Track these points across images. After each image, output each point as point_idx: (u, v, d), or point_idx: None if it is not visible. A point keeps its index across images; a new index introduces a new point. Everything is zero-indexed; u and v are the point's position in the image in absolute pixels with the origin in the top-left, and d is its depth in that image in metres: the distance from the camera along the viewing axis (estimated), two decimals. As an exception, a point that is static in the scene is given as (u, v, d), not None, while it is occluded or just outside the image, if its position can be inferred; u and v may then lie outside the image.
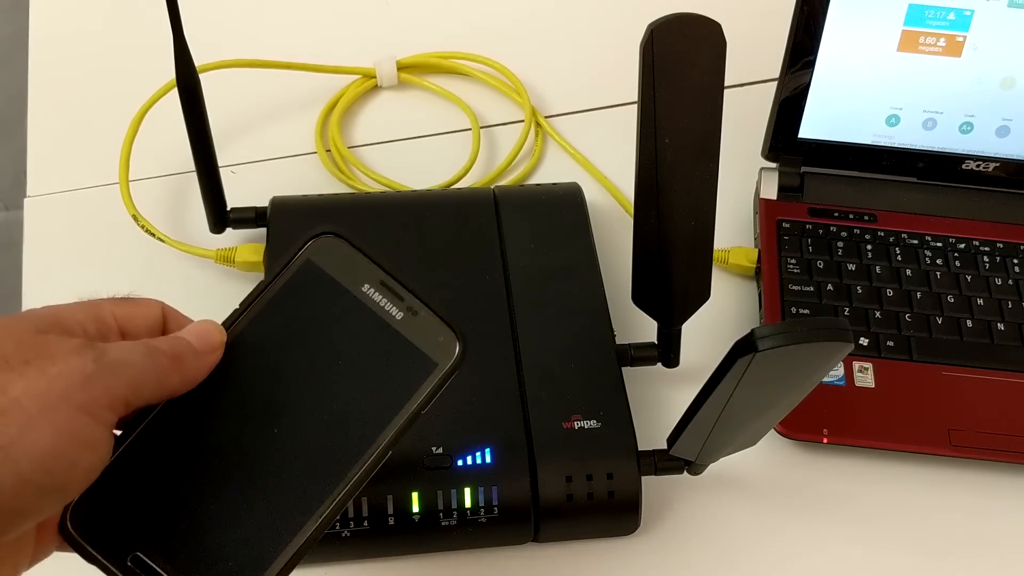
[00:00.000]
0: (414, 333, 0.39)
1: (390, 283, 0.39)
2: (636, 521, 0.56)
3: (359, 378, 0.39)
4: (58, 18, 0.85)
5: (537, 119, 0.79)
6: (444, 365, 0.39)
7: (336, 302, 0.39)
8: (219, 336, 0.38)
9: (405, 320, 0.39)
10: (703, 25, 0.49)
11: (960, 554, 0.58)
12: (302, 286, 0.39)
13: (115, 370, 0.33)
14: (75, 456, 0.32)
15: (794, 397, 0.46)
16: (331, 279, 0.39)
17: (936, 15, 0.65)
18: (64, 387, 0.32)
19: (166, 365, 0.36)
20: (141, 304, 0.38)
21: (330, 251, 0.40)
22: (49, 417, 0.31)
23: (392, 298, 0.39)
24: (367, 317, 0.39)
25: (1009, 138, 0.69)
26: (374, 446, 0.38)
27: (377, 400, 0.38)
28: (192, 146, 0.62)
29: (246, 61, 0.77)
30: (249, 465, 0.37)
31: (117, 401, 0.33)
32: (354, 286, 0.39)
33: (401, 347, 0.39)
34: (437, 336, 0.39)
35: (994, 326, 0.65)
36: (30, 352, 0.32)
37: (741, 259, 0.69)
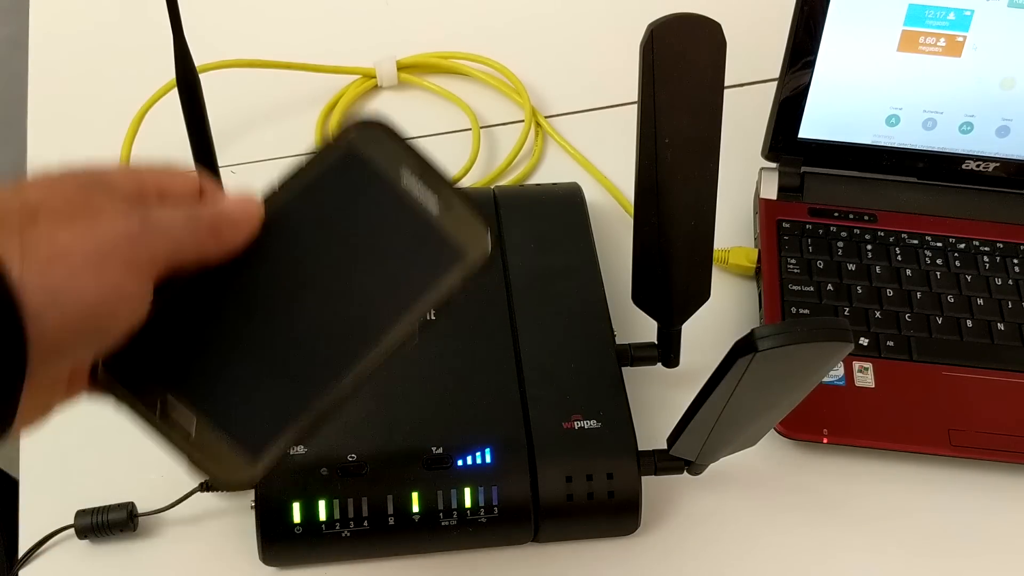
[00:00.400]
0: (447, 225, 0.40)
1: (428, 177, 0.40)
2: (636, 521, 0.56)
3: (389, 261, 0.39)
4: (58, 18, 0.85)
5: (537, 119, 0.79)
6: (474, 256, 0.40)
7: (373, 187, 0.40)
8: (256, 209, 0.39)
9: (440, 212, 0.40)
10: (703, 25, 0.49)
11: (960, 554, 0.58)
12: (342, 170, 0.40)
13: (159, 232, 0.35)
14: (117, 308, 0.34)
15: (794, 397, 0.46)
16: (371, 166, 0.40)
17: (936, 15, 0.65)
18: (111, 243, 0.33)
19: (205, 232, 0.37)
20: (180, 174, 0.39)
21: (373, 140, 0.40)
22: (95, 269, 0.33)
23: (429, 191, 0.40)
24: (403, 205, 0.40)
25: (1009, 138, 0.69)
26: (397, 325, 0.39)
27: (405, 283, 0.39)
28: (192, 146, 0.62)
29: (246, 61, 0.77)
30: (278, 330, 0.38)
31: (158, 261, 0.35)
32: (394, 175, 0.40)
33: (434, 235, 0.40)
34: (468, 230, 0.40)
35: (994, 326, 0.65)
36: (78, 207, 0.33)
37: (741, 259, 0.69)
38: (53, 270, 0.32)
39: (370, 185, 0.40)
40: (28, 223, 0.32)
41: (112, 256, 0.33)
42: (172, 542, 0.57)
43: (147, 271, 0.35)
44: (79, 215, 0.33)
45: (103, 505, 0.56)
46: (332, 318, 0.39)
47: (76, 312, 0.32)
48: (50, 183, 0.35)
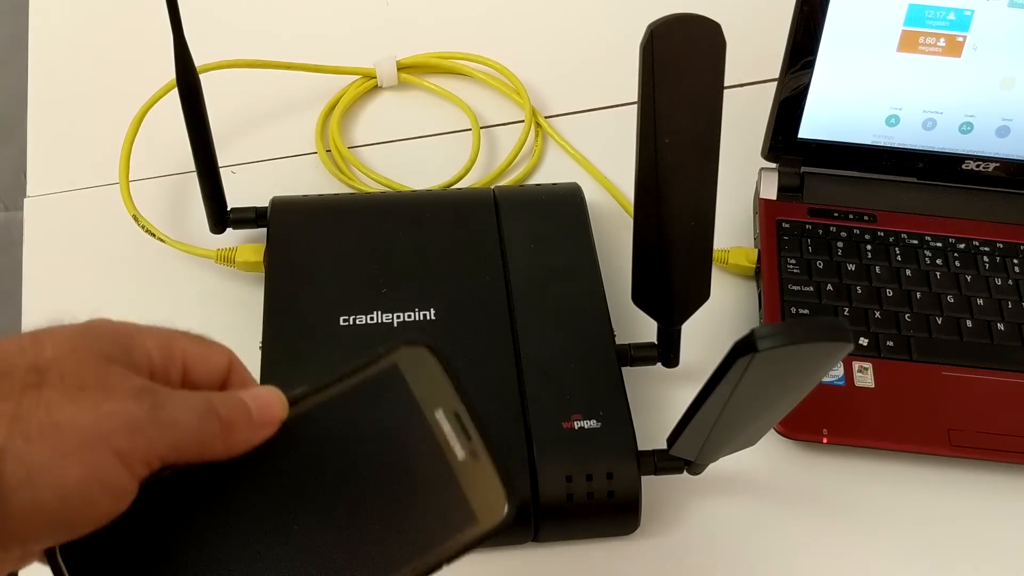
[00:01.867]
0: (468, 479, 0.37)
1: (464, 418, 0.37)
2: (636, 521, 0.56)
3: (399, 503, 0.36)
4: (58, 18, 0.85)
5: (537, 119, 0.79)
6: (486, 525, 0.36)
7: (405, 416, 0.37)
8: (280, 412, 0.36)
9: (465, 461, 0.37)
10: (703, 25, 0.49)
11: (960, 554, 0.58)
12: (378, 387, 0.37)
13: (165, 426, 0.32)
14: (97, 499, 0.31)
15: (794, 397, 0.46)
16: (409, 392, 0.37)
17: (936, 15, 0.65)
18: (110, 428, 0.31)
19: (217, 431, 0.34)
20: (213, 348, 0.37)
21: (419, 363, 0.38)
22: (85, 454, 0.30)
23: (460, 434, 0.37)
24: (429, 444, 0.37)
25: (1009, 138, 0.69)
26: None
27: (407, 533, 0.36)
28: (192, 146, 0.62)
29: (246, 61, 0.77)
30: (256, 555, 0.35)
31: (155, 457, 0.32)
32: (429, 408, 0.37)
33: (450, 489, 0.36)
34: (489, 490, 0.36)
35: (994, 326, 0.65)
36: (89, 379, 0.31)
37: (741, 259, 0.69)
38: (41, 445, 0.29)
39: (402, 412, 0.37)
40: (32, 386, 0.30)
41: (105, 443, 0.30)
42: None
43: (140, 466, 0.32)
44: (87, 388, 0.31)
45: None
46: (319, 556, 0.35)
47: (51, 497, 0.30)
48: (71, 344, 0.32)
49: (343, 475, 0.36)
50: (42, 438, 0.30)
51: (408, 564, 0.36)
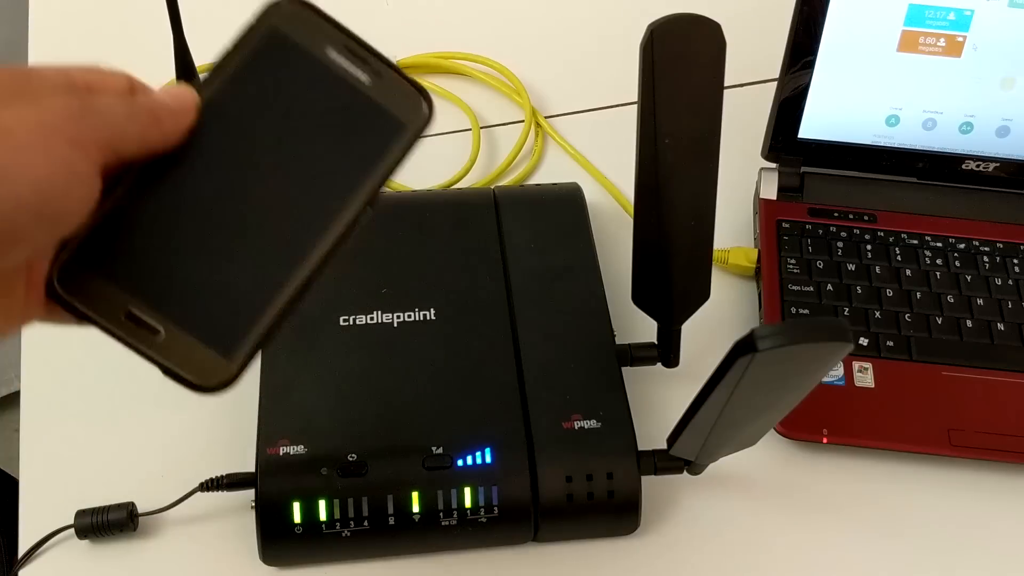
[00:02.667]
0: (381, 95, 0.39)
1: (353, 47, 0.40)
2: (636, 521, 0.56)
3: (331, 139, 0.39)
4: (58, 18, 0.85)
5: (537, 119, 0.79)
6: (414, 124, 0.40)
7: (302, 67, 0.39)
8: (192, 97, 0.38)
9: (371, 83, 0.40)
10: (703, 25, 0.49)
11: (960, 554, 0.58)
12: (268, 52, 0.40)
13: (100, 113, 0.34)
14: (68, 186, 0.33)
15: (794, 397, 0.46)
16: (296, 44, 0.40)
17: (936, 15, 0.65)
18: (54, 120, 0.33)
19: (146, 119, 0.36)
20: (108, 74, 0.38)
21: (293, 17, 0.40)
22: (42, 145, 0.32)
23: (356, 62, 0.40)
24: (334, 80, 0.39)
25: (1009, 138, 0.69)
26: (350, 202, 0.38)
27: (350, 160, 0.39)
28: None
29: (246, 61, 0.77)
30: (230, 222, 0.38)
31: (103, 142, 0.34)
32: (319, 51, 0.40)
33: (370, 109, 0.39)
34: (404, 97, 0.40)
35: (994, 326, 0.65)
36: (16, 87, 0.33)
37: (741, 259, 0.69)
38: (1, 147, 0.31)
39: (298, 64, 0.39)
40: None
41: (57, 133, 0.32)
42: (172, 542, 0.57)
43: (93, 151, 0.34)
44: (19, 94, 0.33)
45: (103, 505, 0.56)
46: (286, 204, 0.38)
47: (28, 190, 0.31)
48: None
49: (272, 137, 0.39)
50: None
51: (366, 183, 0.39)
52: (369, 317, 0.60)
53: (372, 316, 0.60)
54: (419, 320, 0.60)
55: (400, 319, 0.60)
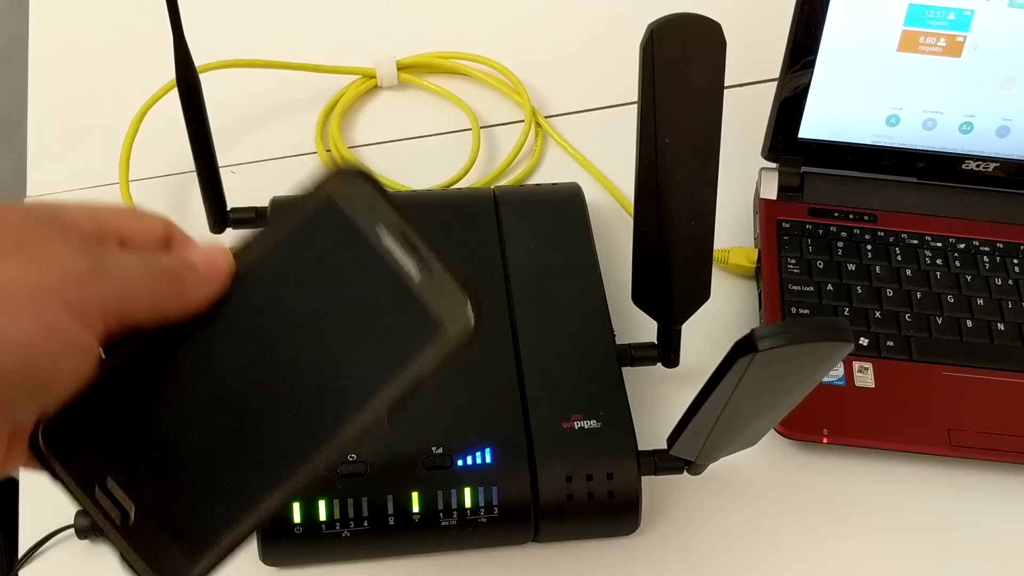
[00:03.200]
0: (427, 293, 0.36)
1: (411, 236, 0.37)
2: (636, 521, 0.56)
3: (364, 332, 0.36)
4: (58, 18, 0.85)
5: (537, 119, 0.79)
6: (454, 333, 0.36)
7: (352, 247, 0.36)
8: (226, 264, 0.35)
9: (420, 278, 0.36)
10: (703, 25, 0.49)
11: (960, 554, 0.58)
12: (319, 224, 0.37)
13: (111, 276, 0.31)
14: (59, 355, 0.30)
15: (794, 397, 0.46)
16: (350, 221, 0.36)
17: (936, 15, 0.65)
18: (56, 282, 0.30)
19: (165, 284, 0.33)
20: (145, 217, 0.35)
21: (353, 192, 0.37)
22: (35, 309, 0.29)
23: (410, 252, 0.37)
24: (381, 268, 0.36)
25: (1009, 138, 0.69)
26: (371, 406, 0.35)
27: (379, 358, 0.36)
28: (192, 146, 0.62)
29: (246, 61, 0.77)
30: (236, 409, 0.35)
31: (108, 310, 0.31)
32: (373, 233, 0.37)
33: (412, 305, 0.36)
34: (451, 301, 0.36)
35: (994, 326, 0.65)
36: (25, 237, 0.30)
37: (741, 259, 0.69)
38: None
39: (348, 244, 0.37)
40: None
41: (56, 298, 0.30)
42: (172, 542, 0.57)
43: (95, 318, 0.31)
44: (26, 245, 0.30)
45: (103, 505, 0.56)
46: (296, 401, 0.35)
47: (12, 357, 0.29)
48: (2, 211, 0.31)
49: (305, 317, 0.36)
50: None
51: (389, 383, 0.35)
52: (369, 317, 0.60)
53: (372, 316, 0.60)
54: (419, 320, 0.60)
55: (400, 319, 0.60)
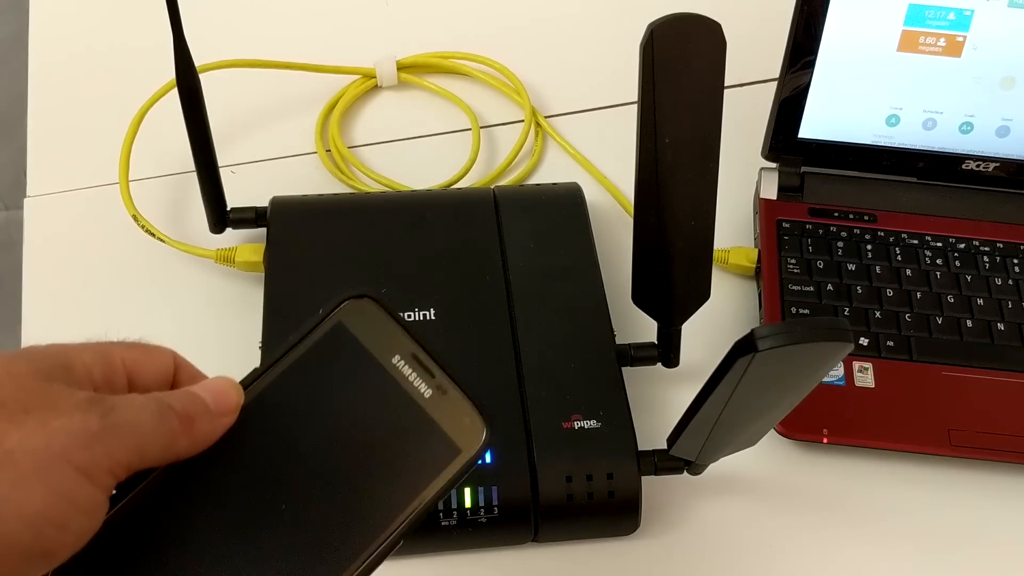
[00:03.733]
0: (441, 413, 0.36)
1: (423, 357, 0.37)
2: (636, 521, 0.56)
3: (378, 457, 0.36)
4: (58, 18, 0.85)
5: (537, 119, 0.79)
6: (468, 452, 0.36)
7: (363, 371, 0.37)
8: (236, 397, 0.35)
9: (433, 398, 0.36)
10: (703, 25, 0.49)
11: (960, 554, 0.58)
12: (329, 350, 0.37)
13: (121, 431, 0.31)
14: (68, 519, 0.30)
15: (794, 397, 0.46)
16: (361, 346, 0.37)
17: (936, 15, 0.65)
18: (64, 444, 0.29)
19: (176, 427, 0.33)
20: (153, 352, 0.36)
21: (363, 316, 0.37)
22: (44, 475, 0.29)
23: (422, 373, 0.37)
24: (394, 391, 0.37)
25: (1009, 138, 0.69)
26: (386, 533, 0.35)
27: (394, 483, 0.36)
28: (192, 146, 0.62)
29: (246, 61, 0.77)
30: (250, 541, 0.35)
31: (119, 465, 0.31)
32: (384, 356, 0.37)
33: (426, 427, 0.36)
34: (464, 419, 0.36)
35: (994, 326, 0.65)
36: (32, 400, 0.30)
37: (741, 259, 0.69)
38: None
39: (359, 368, 0.37)
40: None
41: (65, 460, 0.29)
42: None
43: (104, 477, 0.30)
44: (32, 409, 0.30)
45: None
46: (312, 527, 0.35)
47: (20, 528, 0.28)
48: (6, 369, 0.31)
49: (317, 445, 0.36)
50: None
51: (405, 510, 0.35)
52: (369, 317, 0.60)
53: (372, 316, 0.60)
54: (419, 320, 0.60)
55: (400, 319, 0.60)
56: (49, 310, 0.67)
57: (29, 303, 0.68)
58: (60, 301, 0.68)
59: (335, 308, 0.37)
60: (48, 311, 0.67)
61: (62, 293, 0.68)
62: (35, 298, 0.68)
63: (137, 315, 0.67)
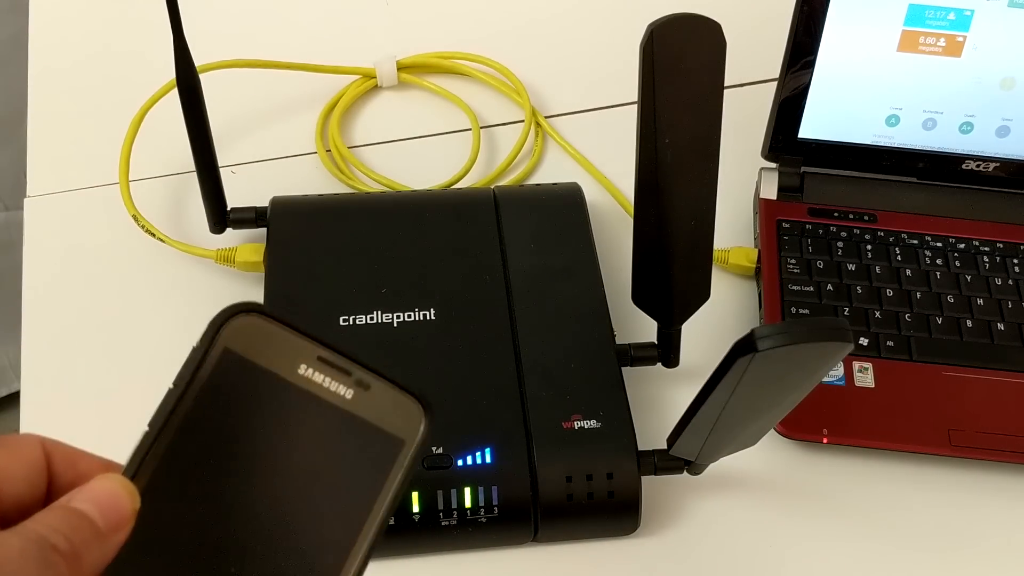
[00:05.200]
0: (370, 410, 0.33)
1: (331, 357, 0.33)
2: (636, 521, 0.56)
3: (322, 479, 0.33)
4: (58, 19, 0.85)
5: (537, 119, 0.79)
6: (412, 440, 0.33)
7: (270, 395, 0.32)
8: (130, 504, 0.29)
9: (356, 397, 0.33)
10: (703, 25, 0.49)
11: (960, 554, 0.58)
12: (224, 383, 0.32)
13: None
14: None
15: (794, 397, 0.46)
16: (258, 367, 0.32)
17: (936, 15, 0.65)
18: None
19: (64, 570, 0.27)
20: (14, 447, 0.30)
21: (249, 333, 0.32)
22: None
23: (336, 374, 0.33)
24: (312, 404, 0.33)
25: (1009, 138, 0.69)
26: (358, 547, 0.32)
27: (349, 497, 0.32)
28: (192, 146, 0.62)
29: (246, 61, 0.77)
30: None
31: None
32: (288, 370, 0.33)
33: (359, 429, 0.33)
34: (397, 408, 0.33)
35: (994, 326, 0.65)
36: None
37: (741, 259, 0.69)
38: None
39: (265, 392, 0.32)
40: None
41: None
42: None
43: None
44: None
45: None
46: (274, 569, 0.32)
47: None
48: None
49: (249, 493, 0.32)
50: None
51: (369, 520, 0.32)
52: (369, 317, 0.60)
53: (372, 316, 0.60)
54: (419, 320, 0.60)
55: (400, 319, 0.60)
56: (49, 310, 0.67)
57: (29, 303, 0.68)
58: (60, 301, 0.68)
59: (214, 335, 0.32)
60: (48, 311, 0.67)
61: (62, 293, 0.68)
62: (35, 298, 0.68)
63: (137, 315, 0.67)
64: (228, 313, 0.32)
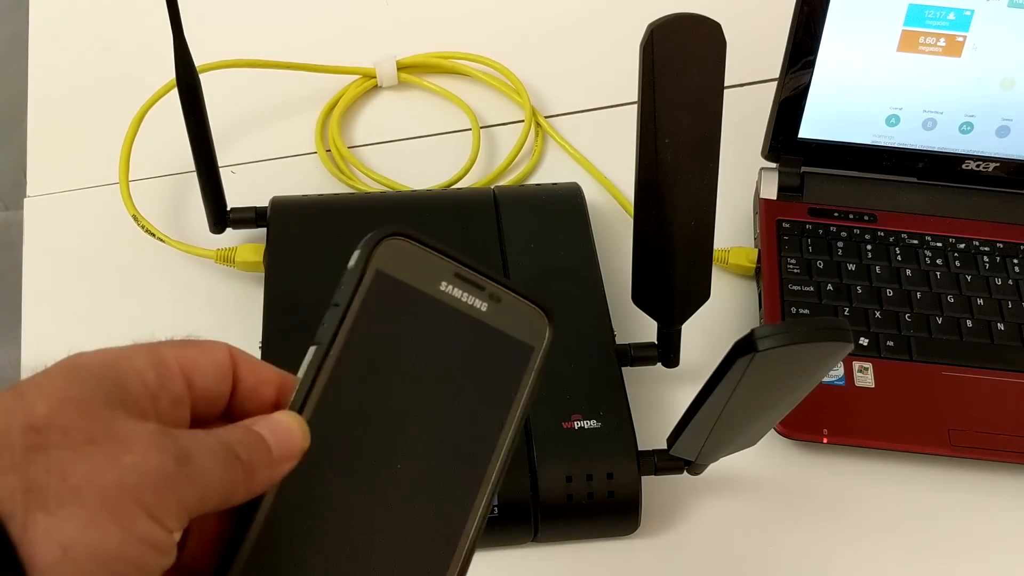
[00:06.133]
0: (503, 320, 0.36)
1: (467, 274, 0.35)
2: (636, 521, 0.56)
3: (468, 386, 0.35)
4: (58, 18, 0.85)
5: (537, 119, 0.79)
6: (539, 346, 0.36)
7: (420, 311, 0.35)
8: (301, 443, 0.32)
9: (491, 310, 0.36)
10: (703, 25, 0.49)
11: (960, 554, 0.58)
12: (378, 303, 0.34)
13: (193, 480, 0.29)
14: (144, 559, 0.28)
15: (794, 397, 0.46)
16: (407, 286, 0.35)
17: (936, 15, 0.65)
18: (136, 484, 0.27)
19: (240, 478, 0.31)
20: (207, 348, 0.33)
21: (395, 255, 0.35)
22: (115, 514, 0.27)
23: (472, 289, 0.36)
24: (455, 318, 0.35)
25: (1009, 138, 0.69)
26: (498, 452, 0.35)
27: (491, 402, 0.35)
28: (192, 146, 0.62)
29: (246, 61, 0.77)
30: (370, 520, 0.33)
31: (184, 512, 0.29)
32: (432, 287, 0.35)
33: (496, 339, 0.36)
34: (525, 318, 0.36)
35: (994, 326, 0.65)
36: (96, 430, 0.28)
37: (741, 259, 0.69)
38: (66, 515, 0.26)
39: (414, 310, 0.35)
40: (34, 448, 0.26)
41: (135, 500, 0.27)
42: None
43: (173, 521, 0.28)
44: (98, 441, 0.27)
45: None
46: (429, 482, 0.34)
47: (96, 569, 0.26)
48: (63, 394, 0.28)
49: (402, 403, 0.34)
50: (63, 506, 0.26)
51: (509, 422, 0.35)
52: (369, 317, 0.60)
53: (372, 316, 0.60)
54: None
55: (400, 319, 0.60)
56: (49, 310, 0.67)
57: (29, 303, 0.68)
58: (60, 301, 0.68)
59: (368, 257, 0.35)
60: (48, 311, 0.67)
61: (62, 293, 0.68)
62: (35, 298, 0.68)
63: (137, 315, 0.67)
64: (379, 236, 0.35)
